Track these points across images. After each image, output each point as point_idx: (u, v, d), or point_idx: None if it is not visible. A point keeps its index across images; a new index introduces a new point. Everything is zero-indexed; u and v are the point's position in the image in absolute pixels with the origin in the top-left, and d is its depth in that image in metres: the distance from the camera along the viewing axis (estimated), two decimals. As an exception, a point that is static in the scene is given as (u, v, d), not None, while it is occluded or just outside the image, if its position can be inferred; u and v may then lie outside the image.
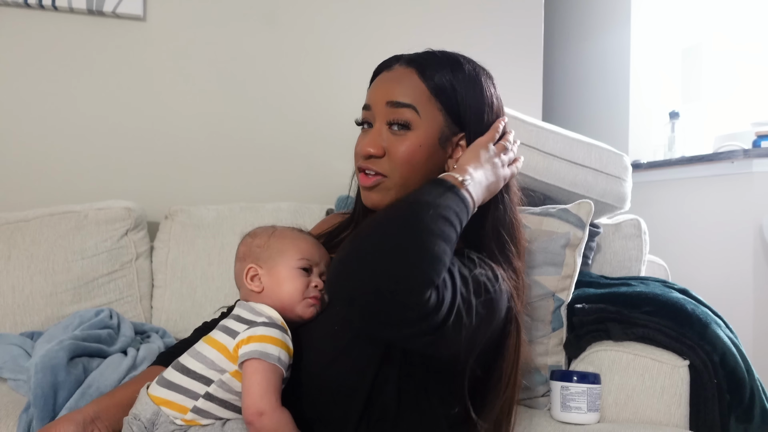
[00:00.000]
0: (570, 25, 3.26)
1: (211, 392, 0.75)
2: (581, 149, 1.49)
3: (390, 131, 0.85)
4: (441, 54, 0.88)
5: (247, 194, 1.81)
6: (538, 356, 1.18)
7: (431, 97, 0.84)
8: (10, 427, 0.98)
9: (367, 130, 0.88)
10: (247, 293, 0.85)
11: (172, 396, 0.76)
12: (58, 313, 1.41)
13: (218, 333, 0.80)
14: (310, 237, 0.90)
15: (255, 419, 0.71)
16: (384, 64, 0.91)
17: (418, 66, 0.86)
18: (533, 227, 1.22)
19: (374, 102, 0.86)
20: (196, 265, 1.53)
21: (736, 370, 1.08)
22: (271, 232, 0.88)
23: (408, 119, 0.83)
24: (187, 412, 0.74)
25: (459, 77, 0.85)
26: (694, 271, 2.29)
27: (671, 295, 1.17)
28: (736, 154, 2.18)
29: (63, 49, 1.73)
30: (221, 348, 0.77)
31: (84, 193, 1.70)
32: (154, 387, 0.78)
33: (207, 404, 0.75)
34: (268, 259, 0.85)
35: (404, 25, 1.95)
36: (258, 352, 0.74)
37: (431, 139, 0.84)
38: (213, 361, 0.77)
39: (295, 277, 0.84)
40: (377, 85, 0.88)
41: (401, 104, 0.83)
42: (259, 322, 0.78)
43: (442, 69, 0.85)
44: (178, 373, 0.77)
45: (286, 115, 1.87)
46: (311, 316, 0.84)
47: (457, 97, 0.85)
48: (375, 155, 0.84)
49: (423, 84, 0.84)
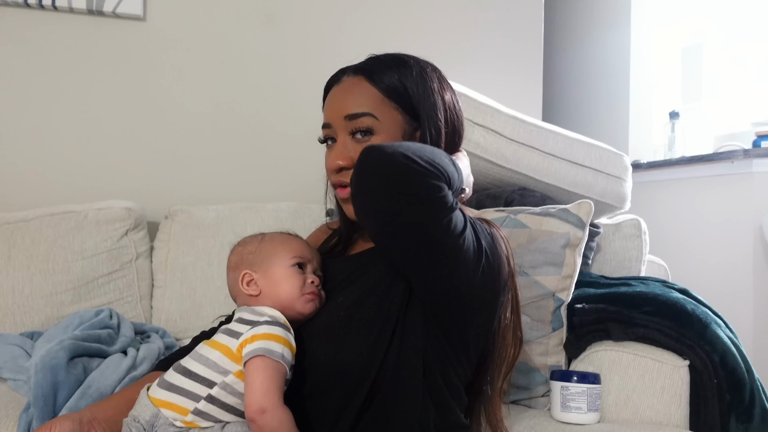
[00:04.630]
0: (570, 25, 3.26)
1: (214, 395, 0.75)
2: (581, 149, 1.49)
3: (354, 140, 0.86)
4: (384, 56, 0.90)
5: (247, 194, 1.81)
6: (538, 356, 1.18)
7: (384, 99, 0.85)
8: (10, 427, 0.98)
9: (332, 145, 0.89)
10: (246, 299, 0.85)
11: (173, 398, 0.75)
12: (58, 313, 1.41)
13: (220, 335, 0.80)
14: (299, 238, 0.91)
15: (257, 416, 0.71)
16: (332, 79, 0.92)
17: (365, 72, 0.87)
18: (533, 227, 1.22)
19: (332, 119, 0.87)
20: (196, 265, 1.53)
21: (736, 370, 1.08)
22: (261, 239, 0.90)
23: (369, 125, 0.85)
24: (187, 414, 0.74)
25: (406, 74, 0.87)
26: (694, 271, 2.28)
27: (671, 295, 1.17)
28: (736, 154, 2.18)
29: (63, 49, 1.73)
30: (224, 349, 0.77)
31: (84, 193, 1.70)
32: (154, 389, 0.78)
33: (208, 407, 0.74)
34: (261, 263, 0.86)
35: (404, 26, 1.95)
36: (262, 349, 0.74)
37: (396, 138, 0.86)
38: (215, 363, 0.76)
39: (290, 275, 0.84)
40: (331, 102, 0.89)
41: (358, 115, 0.85)
42: (262, 321, 0.78)
43: (389, 70, 0.87)
44: (179, 375, 0.77)
45: (286, 115, 1.87)
46: (311, 311, 0.84)
47: (409, 93, 0.86)
48: (345, 167, 0.85)
49: (374, 88, 0.86)
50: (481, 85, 1.67)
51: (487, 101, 1.44)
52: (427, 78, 0.88)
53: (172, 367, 0.80)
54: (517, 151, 1.42)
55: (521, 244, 1.21)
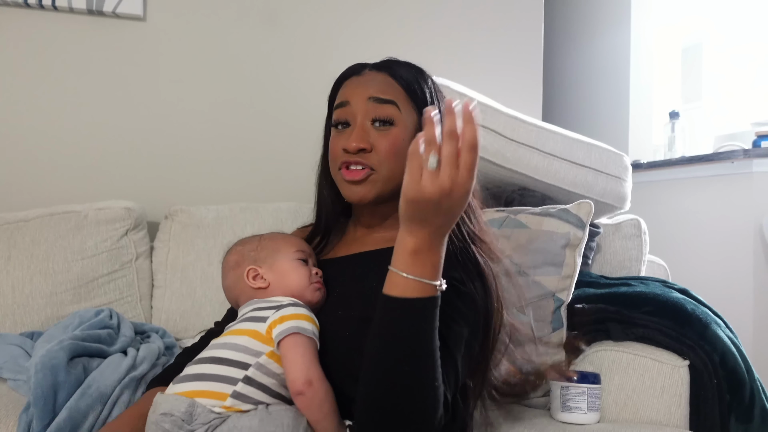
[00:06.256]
0: (570, 25, 3.26)
1: (250, 375, 0.75)
2: (581, 149, 1.49)
3: (373, 128, 0.87)
4: (401, 61, 0.94)
5: (247, 194, 1.81)
6: (537, 356, 1.18)
7: (406, 95, 0.89)
8: (10, 427, 0.98)
9: (344, 130, 0.89)
10: (252, 293, 0.86)
11: (207, 386, 0.74)
12: (58, 313, 1.41)
13: (243, 323, 0.81)
14: (296, 236, 0.94)
15: (306, 388, 0.72)
16: (351, 70, 0.94)
17: (388, 70, 0.91)
18: (533, 227, 1.22)
19: (354, 98, 0.88)
20: (196, 265, 1.53)
21: (736, 370, 1.08)
22: (259, 237, 0.92)
23: (391, 115, 0.86)
24: (226, 398, 0.73)
25: (422, 78, 0.91)
26: (694, 271, 2.28)
27: (671, 295, 1.17)
28: (736, 154, 2.18)
29: (63, 49, 1.73)
30: (252, 333, 0.78)
31: (84, 193, 1.70)
32: (177, 386, 0.76)
33: (247, 388, 0.74)
34: (266, 258, 0.87)
35: (405, 26, 1.95)
36: (295, 327, 0.76)
37: (411, 134, 0.87)
38: (245, 346, 0.76)
39: (297, 266, 0.87)
40: (353, 85, 0.90)
41: (384, 100, 0.87)
42: (286, 304, 0.80)
43: (408, 72, 0.91)
44: (208, 365, 0.76)
45: (286, 115, 1.87)
46: (319, 300, 0.87)
47: (426, 96, 0.90)
48: (365, 149, 0.86)
49: (397, 84, 0.89)
50: (481, 85, 1.67)
51: (487, 101, 1.44)
52: (435, 86, 0.93)
53: (192, 362, 0.79)
54: (517, 151, 1.42)
55: (521, 244, 1.21)
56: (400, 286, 0.68)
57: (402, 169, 0.84)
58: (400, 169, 0.84)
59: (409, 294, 0.68)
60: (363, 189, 0.87)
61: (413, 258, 0.68)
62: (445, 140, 0.62)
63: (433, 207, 0.64)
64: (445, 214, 0.66)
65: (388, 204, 0.88)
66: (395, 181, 0.86)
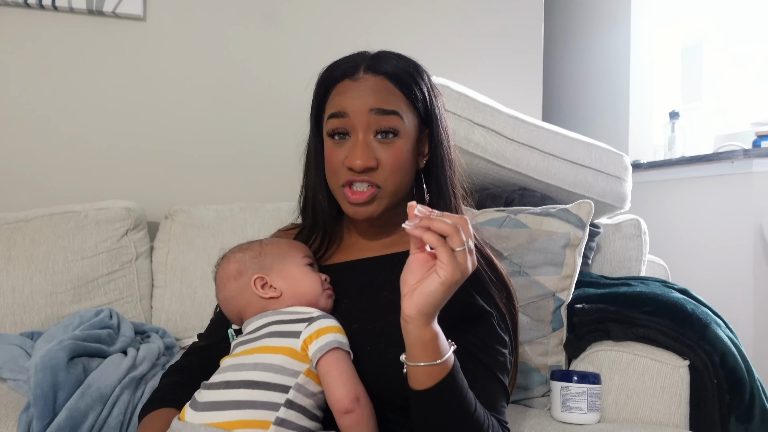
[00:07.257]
0: (570, 24, 3.26)
1: (291, 398, 0.70)
2: (581, 149, 1.49)
3: (375, 140, 0.82)
4: (396, 56, 0.87)
5: (247, 194, 1.81)
6: (538, 356, 1.18)
7: (408, 102, 0.85)
8: (10, 427, 0.98)
9: (342, 141, 0.83)
10: (265, 303, 0.80)
11: (247, 414, 0.68)
12: (58, 313, 1.41)
13: (271, 339, 0.74)
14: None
15: (354, 406, 0.69)
16: (343, 70, 0.86)
17: (385, 73, 0.84)
18: (533, 227, 1.22)
19: (352, 110, 0.82)
20: (196, 265, 1.53)
21: (736, 370, 1.08)
22: (260, 243, 0.86)
23: (394, 125, 0.82)
24: (269, 426, 0.67)
25: (421, 79, 0.87)
26: (694, 271, 2.28)
27: (671, 295, 1.17)
28: (736, 154, 2.18)
29: (63, 49, 1.73)
30: (287, 351, 0.72)
31: (84, 193, 1.70)
32: (206, 415, 0.69)
33: (289, 413, 0.69)
34: (273, 265, 0.82)
35: (405, 27, 1.95)
36: (335, 341, 0.72)
37: (413, 141, 0.85)
38: (282, 366, 0.71)
39: (308, 272, 0.82)
40: (351, 94, 0.83)
41: (388, 111, 0.81)
42: (316, 316, 0.75)
43: (405, 71, 0.85)
44: (243, 390, 0.70)
45: (286, 115, 1.87)
46: (330, 307, 0.83)
47: (426, 99, 0.86)
48: (371, 167, 0.81)
49: (399, 91, 0.84)
50: (481, 85, 1.67)
51: (487, 101, 1.44)
52: (431, 80, 0.90)
53: (217, 386, 0.72)
54: (517, 151, 1.42)
55: (521, 244, 1.21)
56: (422, 375, 0.68)
57: (406, 180, 0.85)
58: (404, 182, 0.85)
59: (431, 383, 0.68)
60: (370, 209, 0.83)
61: (432, 345, 0.67)
62: (449, 239, 0.64)
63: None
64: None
65: (387, 212, 0.86)
66: (400, 194, 0.85)
